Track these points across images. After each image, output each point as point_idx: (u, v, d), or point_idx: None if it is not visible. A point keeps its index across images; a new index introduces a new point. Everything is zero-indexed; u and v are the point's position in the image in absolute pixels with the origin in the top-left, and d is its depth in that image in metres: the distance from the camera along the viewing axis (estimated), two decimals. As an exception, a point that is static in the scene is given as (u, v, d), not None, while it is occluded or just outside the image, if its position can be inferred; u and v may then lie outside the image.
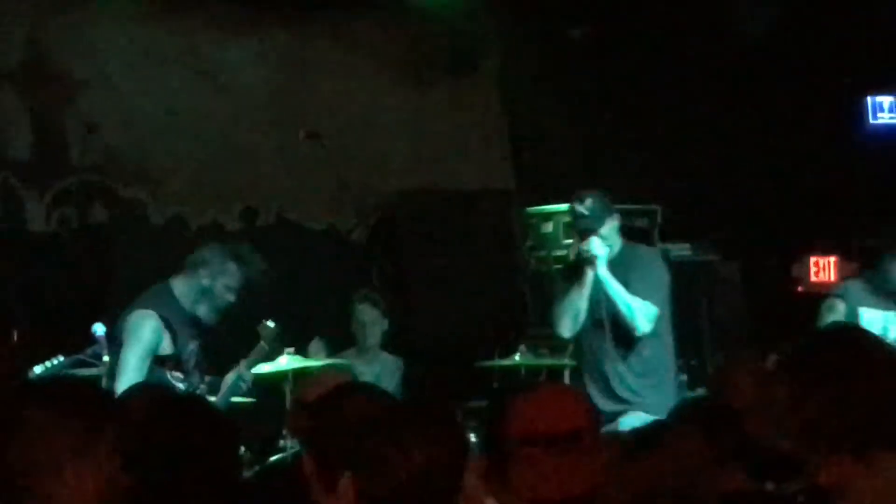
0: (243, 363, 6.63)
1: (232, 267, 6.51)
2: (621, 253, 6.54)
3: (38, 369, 5.95)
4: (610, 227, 6.49)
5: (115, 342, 6.37)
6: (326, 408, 3.01)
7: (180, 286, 6.48)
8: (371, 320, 7.43)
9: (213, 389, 6.42)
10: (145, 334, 6.26)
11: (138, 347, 6.23)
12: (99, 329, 6.20)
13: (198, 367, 6.51)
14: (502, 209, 9.11)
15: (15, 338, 6.90)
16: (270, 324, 6.54)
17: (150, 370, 6.22)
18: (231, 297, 6.40)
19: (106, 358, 6.15)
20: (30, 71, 8.23)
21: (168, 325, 6.32)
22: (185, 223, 8.51)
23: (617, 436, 5.17)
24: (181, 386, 6.06)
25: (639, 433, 3.58)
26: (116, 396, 4.91)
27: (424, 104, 9.09)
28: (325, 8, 8.81)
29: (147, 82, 8.48)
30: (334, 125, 8.43)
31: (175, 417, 3.22)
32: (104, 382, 6.02)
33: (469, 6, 8.69)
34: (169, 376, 6.14)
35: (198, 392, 6.25)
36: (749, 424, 3.90)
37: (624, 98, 8.90)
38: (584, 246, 6.45)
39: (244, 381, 6.58)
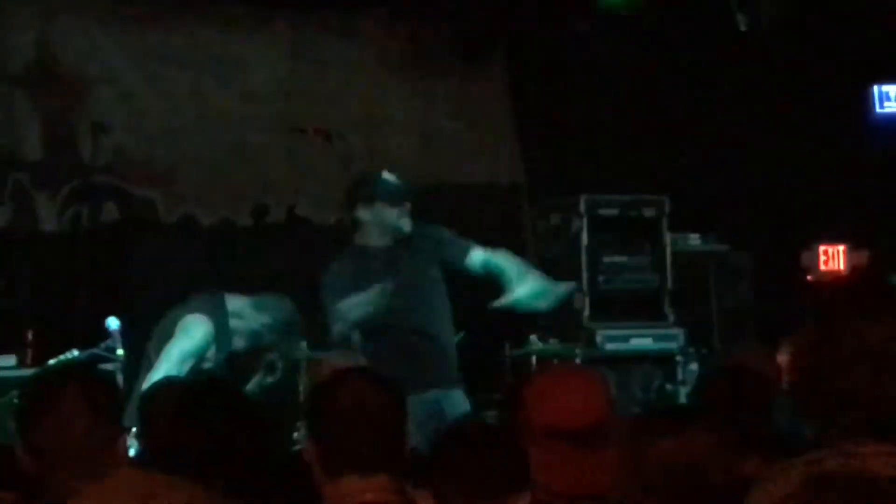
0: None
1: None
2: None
3: (52, 363, 5.97)
4: None
5: (141, 337, 6.41)
6: (321, 392, 2.98)
7: (234, 306, 6.55)
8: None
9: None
10: (198, 335, 6.34)
11: (186, 345, 6.29)
12: (113, 323, 6.23)
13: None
14: (512, 203, 9.12)
15: (30, 336, 6.96)
16: None
17: (187, 372, 6.25)
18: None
19: (120, 352, 6.18)
20: (39, 73, 8.26)
21: (217, 339, 6.40)
22: (197, 221, 8.53)
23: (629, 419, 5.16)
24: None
25: (655, 417, 3.48)
26: (144, 389, 4.98)
27: (432, 98, 9.09)
28: (329, 4, 8.83)
29: (155, 82, 8.51)
30: (342, 121, 8.45)
31: (203, 407, 3.14)
32: (119, 376, 6.05)
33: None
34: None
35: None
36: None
37: (632, 89, 8.91)
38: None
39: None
